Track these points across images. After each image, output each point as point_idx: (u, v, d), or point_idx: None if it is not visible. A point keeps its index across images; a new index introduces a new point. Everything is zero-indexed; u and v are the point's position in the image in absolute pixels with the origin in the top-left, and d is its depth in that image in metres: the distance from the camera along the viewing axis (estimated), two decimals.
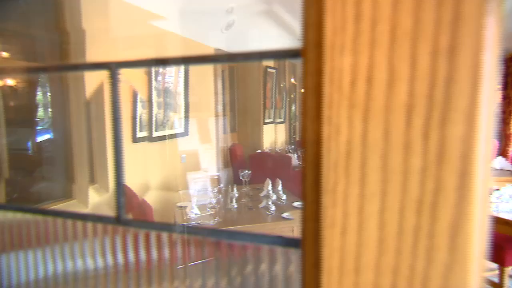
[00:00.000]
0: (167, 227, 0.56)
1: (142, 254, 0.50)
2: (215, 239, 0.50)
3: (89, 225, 0.49)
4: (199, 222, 3.22)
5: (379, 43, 0.26)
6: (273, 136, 6.58)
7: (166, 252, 0.52)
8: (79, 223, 0.51)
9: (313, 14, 0.28)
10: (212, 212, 3.27)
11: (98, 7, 2.97)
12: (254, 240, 0.39)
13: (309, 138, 0.29)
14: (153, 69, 3.98)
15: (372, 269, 0.28)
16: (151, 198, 3.36)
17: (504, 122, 5.98)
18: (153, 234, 0.49)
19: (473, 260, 0.25)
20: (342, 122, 0.27)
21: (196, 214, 3.31)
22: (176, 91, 4.66)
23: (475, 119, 0.24)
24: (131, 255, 0.51)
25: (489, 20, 0.24)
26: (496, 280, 2.85)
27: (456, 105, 0.25)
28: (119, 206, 0.42)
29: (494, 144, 5.21)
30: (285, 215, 2.78)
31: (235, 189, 3.39)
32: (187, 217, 3.26)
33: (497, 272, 2.87)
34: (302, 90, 0.30)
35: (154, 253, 0.55)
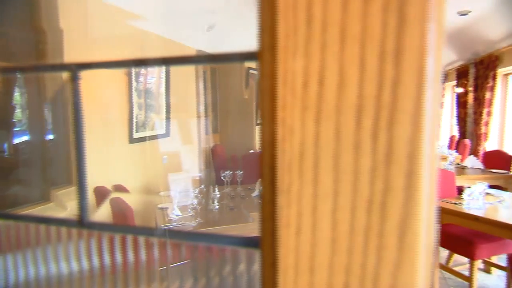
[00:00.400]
0: (133, 229, 0.55)
1: (109, 258, 0.49)
2: (176, 240, 0.49)
3: (53, 229, 0.48)
4: (180, 223, 3.19)
5: (330, 47, 0.26)
6: None
7: (132, 256, 0.51)
8: (42, 227, 0.49)
9: (267, 17, 0.28)
10: (193, 213, 3.25)
11: (76, 6, 2.90)
12: (215, 242, 0.39)
13: (266, 140, 0.29)
14: (133, 70, 3.92)
15: (325, 268, 0.28)
16: (131, 199, 3.30)
17: (475, 122, 6.18)
18: (118, 237, 0.48)
19: (421, 258, 0.26)
20: (295, 124, 0.27)
21: (177, 215, 3.27)
22: (159, 92, 4.60)
23: (420, 120, 0.25)
24: (97, 259, 0.50)
25: (431, 25, 0.24)
26: (467, 273, 2.94)
27: (402, 107, 0.25)
28: (82, 208, 0.41)
29: (465, 144, 5.37)
30: None
31: (216, 189, 3.37)
32: (168, 218, 3.22)
33: (467, 266, 2.96)
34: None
35: (120, 257, 0.54)
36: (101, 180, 3.40)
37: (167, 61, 0.55)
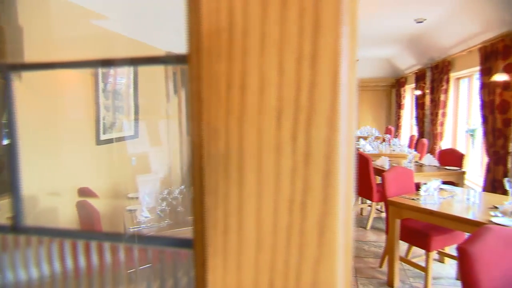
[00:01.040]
0: (71, 233, 0.53)
1: (46, 265, 0.47)
2: (110, 242, 0.48)
3: None
4: (148, 225, 3.12)
5: (251, 51, 0.26)
6: None
7: (70, 261, 0.49)
8: None
9: (193, 21, 0.28)
10: (162, 215, 3.19)
11: (37, 3, 2.76)
12: (150, 243, 0.38)
13: (194, 142, 0.29)
14: (99, 71, 3.79)
15: (252, 266, 0.28)
16: (98, 202, 3.19)
17: (432, 123, 6.47)
18: (56, 242, 0.45)
19: (339, 254, 0.27)
20: (220, 126, 0.27)
21: (146, 217, 3.20)
22: (128, 93, 4.48)
23: (336, 122, 0.26)
24: (35, 267, 0.47)
25: (344, 29, 0.25)
26: (423, 264, 3.07)
27: (319, 109, 0.26)
28: (17, 213, 0.39)
29: (423, 143, 5.59)
30: None
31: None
32: (137, 220, 3.15)
33: (424, 257, 3.09)
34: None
35: (58, 263, 0.52)
36: (66, 183, 3.26)
37: (108, 62, 0.54)
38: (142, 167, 4.14)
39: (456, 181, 4.31)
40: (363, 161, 4.52)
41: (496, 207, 2.79)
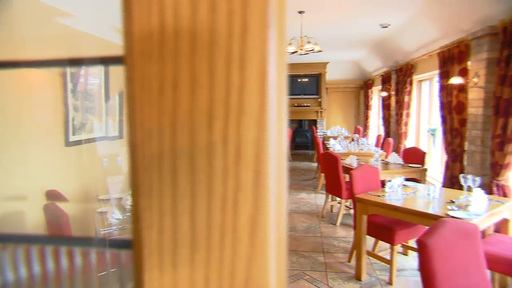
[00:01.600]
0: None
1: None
2: (41, 244, 0.46)
3: None
4: (120, 226, 3.04)
5: (182, 52, 0.26)
6: None
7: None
8: None
9: (127, 22, 0.27)
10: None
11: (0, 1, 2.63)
12: (88, 245, 0.37)
13: (131, 142, 0.28)
14: (68, 70, 3.65)
15: (187, 266, 0.28)
16: (67, 205, 3.07)
17: (397, 123, 6.70)
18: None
19: (271, 252, 0.27)
20: (153, 127, 0.27)
21: (117, 218, 3.11)
22: (100, 94, 4.34)
23: (264, 123, 0.26)
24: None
25: (272, 33, 0.25)
26: (388, 257, 3.17)
27: (248, 110, 0.26)
28: None
29: (389, 142, 5.76)
30: None
31: None
32: (108, 222, 3.05)
33: (389, 250, 3.20)
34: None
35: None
36: (33, 186, 3.12)
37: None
38: (113, 168, 4.03)
39: (419, 177, 4.48)
40: (332, 160, 4.61)
41: (452, 201, 2.93)
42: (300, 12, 4.84)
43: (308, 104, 10.34)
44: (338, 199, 4.95)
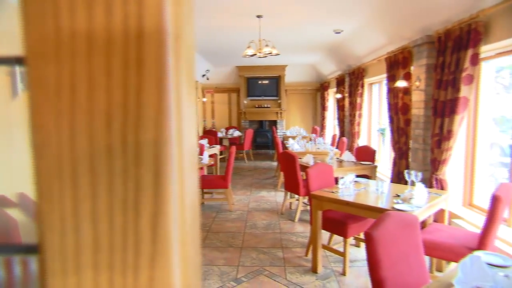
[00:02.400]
0: None
1: None
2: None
3: None
4: None
5: (79, 55, 0.25)
6: None
7: None
8: None
9: (25, 24, 0.26)
10: None
11: None
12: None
13: (31, 145, 0.27)
14: (17, 70, 3.39)
15: (91, 267, 0.27)
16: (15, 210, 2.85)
17: (350, 123, 6.97)
18: None
19: (174, 250, 0.27)
20: (52, 129, 0.26)
21: None
22: None
23: (163, 124, 0.26)
24: None
25: (168, 37, 0.25)
26: (342, 249, 3.30)
27: (146, 112, 0.26)
28: None
29: (343, 141, 5.94)
30: None
31: None
32: None
33: (342, 243, 3.32)
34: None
35: None
36: None
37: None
38: None
39: (370, 174, 4.70)
40: (290, 159, 4.70)
41: (398, 195, 3.11)
42: (258, 16, 4.89)
43: (269, 105, 10.48)
44: (296, 196, 5.06)
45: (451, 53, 3.32)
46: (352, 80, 6.96)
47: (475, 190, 3.61)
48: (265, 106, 10.49)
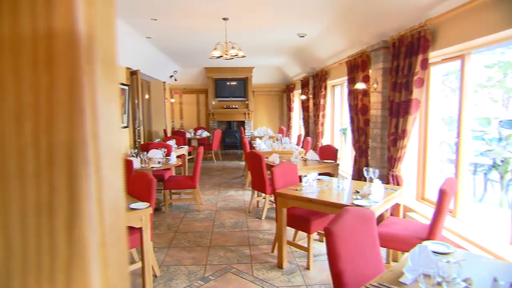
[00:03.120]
0: None
1: None
2: None
3: None
4: None
5: None
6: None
7: None
8: None
9: None
10: None
11: None
12: None
13: None
14: None
15: (3, 274, 0.26)
16: None
17: (314, 123, 7.13)
18: None
19: (91, 252, 0.26)
20: None
21: None
22: None
23: (76, 125, 0.25)
24: None
25: (81, 37, 0.25)
26: (306, 245, 3.36)
27: (58, 113, 0.25)
28: None
29: (308, 140, 6.04)
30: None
31: None
32: None
33: (306, 239, 3.39)
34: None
35: None
36: None
37: None
38: None
39: (332, 172, 4.82)
40: (257, 159, 4.72)
41: (358, 192, 3.22)
42: (224, 19, 4.87)
43: (237, 106, 10.47)
44: (263, 194, 5.10)
45: (404, 58, 3.49)
46: (316, 82, 7.12)
47: (426, 185, 3.82)
48: (233, 107, 10.47)
